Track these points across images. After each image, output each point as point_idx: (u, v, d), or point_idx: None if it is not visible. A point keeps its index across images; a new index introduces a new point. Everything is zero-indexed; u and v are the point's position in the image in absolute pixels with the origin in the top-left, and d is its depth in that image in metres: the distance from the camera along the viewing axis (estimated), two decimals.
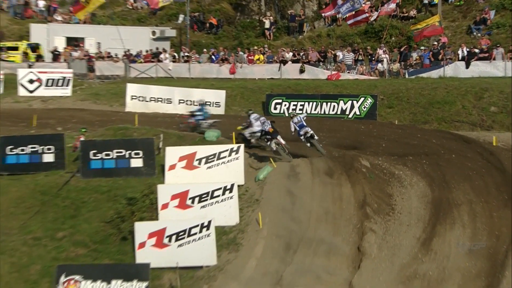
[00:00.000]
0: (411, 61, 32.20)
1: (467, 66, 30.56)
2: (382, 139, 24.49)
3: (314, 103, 29.11)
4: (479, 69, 30.21)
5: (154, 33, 38.13)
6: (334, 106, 28.79)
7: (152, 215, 19.02)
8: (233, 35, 39.52)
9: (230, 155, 20.23)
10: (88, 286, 16.68)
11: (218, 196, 19.02)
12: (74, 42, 38.03)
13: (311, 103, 29.16)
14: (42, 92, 32.63)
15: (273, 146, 21.40)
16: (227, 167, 20.22)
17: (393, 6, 34.89)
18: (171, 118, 28.45)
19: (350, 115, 28.49)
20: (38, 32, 38.08)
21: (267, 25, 38.17)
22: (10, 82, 32.87)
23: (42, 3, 41.63)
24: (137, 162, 21.03)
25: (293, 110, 28.63)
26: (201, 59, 35.59)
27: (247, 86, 32.06)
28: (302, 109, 28.82)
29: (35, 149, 21.62)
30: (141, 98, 31.19)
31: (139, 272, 16.81)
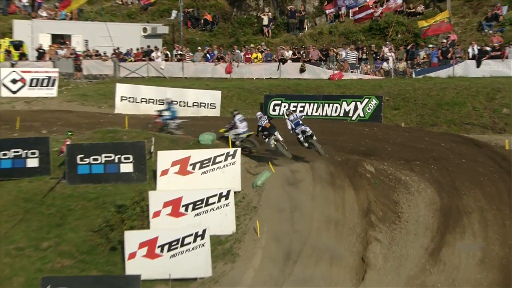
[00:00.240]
0: (419, 59, 32.27)
1: (478, 65, 30.64)
2: (387, 143, 24.55)
3: (315, 105, 29.16)
4: (491, 68, 30.30)
5: (145, 30, 38.15)
6: (336, 108, 28.85)
7: (143, 224, 19.02)
8: (229, 32, 39.58)
9: (226, 160, 20.26)
10: None
11: (213, 203, 19.06)
12: (60, 40, 37.97)
13: (312, 104, 29.21)
14: (26, 92, 32.65)
15: (271, 144, 21.51)
16: (223, 173, 20.25)
17: (399, 1, 35.01)
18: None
19: (354, 117, 28.54)
20: (21, 28, 38.03)
21: (266, 21, 38.24)
22: None
23: None
24: (127, 167, 21.02)
25: (293, 109, 28.60)
26: (195, 58, 35.62)
27: (244, 86, 32.11)
28: (302, 110, 28.82)
29: (19, 153, 21.58)
30: (131, 99, 31.23)
31: (129, 284, 16.87)
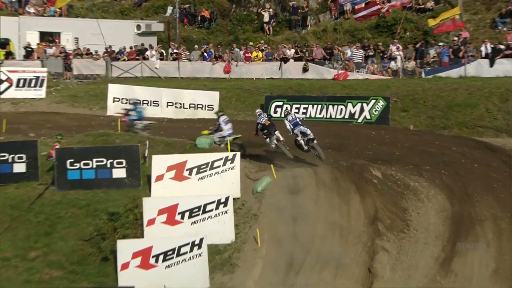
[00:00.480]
0: (428, 58, 32.35)
1: (491, 65, 30.74)
2: (395, 147, 24.58)
3: (319, 106, 29.23)
4: (505, 67, 30.39)
5: (139, 27, 38.24)
6: (341, 110, 28.91)
7: (136, 232, 19.03)
8: (228, 30, 39.67)
9: (224, 165, 20.25)
10: None
11: (211, 210, 19.05)
12: (48, 37, 38.08)
13: (316, 106, 29.28)
14: (13, 93, 32.74)
15: (272, 145, 21.78)
16: (222, 178, 20.24)
17: None
18: (159, 123, 28.50)
19: (360, 120, 28.61)
20: (8, 26, 37.98)
21: (266, 18, 38.34)
22: None
23: None
24: (119, 173, 21.02)
25: (295, 111, 28.70)
26: (192, 57, 35.71)
27: (244, 86, 32.19)
28: (305, 112, 28.91)
29: (5, 158, 21.54)
30: (124, 101, 31.28)
31: None
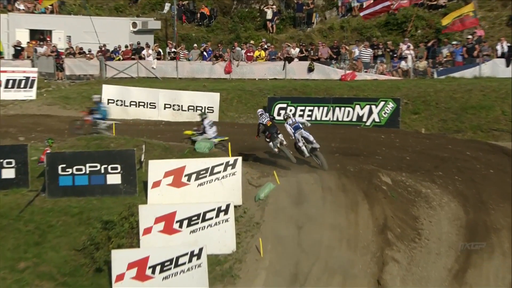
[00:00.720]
0: (441, 58, 32.36)
1: (508, 64, 30.75)
2: (406, 151, 24.58)
3: (325, 108, 29.23)
4: None
5: (135, 25, 38.27)
6: (349, 112, 28.92)
7: (132, 242, 19.05)
8: (228, 28, 39.71)
9: (225, 170, 20.26)
10: None
11: (211, 218, 19.07)
12: (39, 36, 38.17)
13: (322, 108, 29.28)
14: (1, 95, 32.80)
15: (275, 149, 21.99)
16: (222, 184, 20.25)
17: None
18: (156, 126, 28.55)
19: (368, 123, 28.61)
20: None
21: (269, 15, 38.39)
22: None
23: None
24: (114, 179, 21.05)
25: (300, 113, 28.75)
26: (190, 56, 35.74)
27: (246, 88, 32.21)
28: (310, 115, 28.94)
29: None
30: (119, 102, 31.36)
31: None
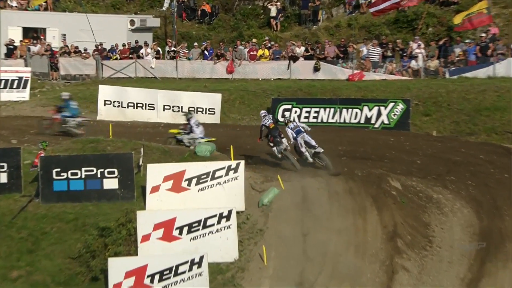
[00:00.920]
0: (453, 57, 32.32)
1: None
2: (416, 155, 24.57)
3: (332, 110, 29.21)
4: None
5: (132, 22, 38.30)
6: (356, 114, 28.90)
7: (129, 249, 19.05)
8: (231, 25, 39.71)
9: (227, 174, 20.27)
10: None
11: (212, 225, 19.07)
12: (33, 34, 38.23)
13: (328, 110, 29.26)
14: None
15: (278, 154, 22.16)
16: (224, 189, 20.27)
17: None
18: (154, 128, 28.56)
19: (377, 125, 28.59)
20: None
21: (273, 12, 38.37)
22: None
23: None
24: (111, 183, 21.07)
25: (305, 115, 28.72)
26: (191, 55, 35.76)
27: (249, 88, 32.21)
28: (316, 116, 28.93)
29: None
30: (116, 104, 31.37)
31: None
